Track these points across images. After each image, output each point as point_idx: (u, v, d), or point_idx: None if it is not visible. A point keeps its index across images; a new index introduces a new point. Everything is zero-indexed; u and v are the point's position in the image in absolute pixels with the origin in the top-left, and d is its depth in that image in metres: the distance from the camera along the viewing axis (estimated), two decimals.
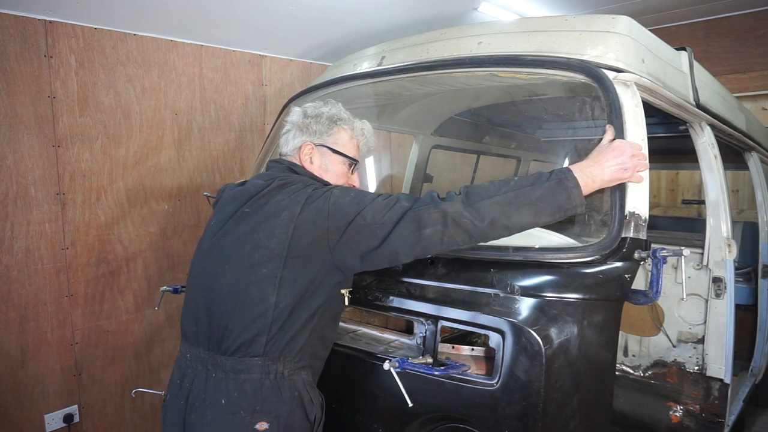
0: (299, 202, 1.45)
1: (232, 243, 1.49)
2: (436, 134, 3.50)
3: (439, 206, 1.38)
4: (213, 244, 1.55)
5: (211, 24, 3.08)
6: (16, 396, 2.62)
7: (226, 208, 1.58)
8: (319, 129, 1.65)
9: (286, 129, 1.70)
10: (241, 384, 1.42)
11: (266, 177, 1.59)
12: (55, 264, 2.71)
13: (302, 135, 1.66)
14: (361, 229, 1.40)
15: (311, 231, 1.42)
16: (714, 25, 4.36)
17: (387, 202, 1.43)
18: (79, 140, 2.77)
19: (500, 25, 2.10)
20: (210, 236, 1.58)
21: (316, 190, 1.49)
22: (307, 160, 1.65)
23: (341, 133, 1.67)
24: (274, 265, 1.42)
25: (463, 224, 1.37)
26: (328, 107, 1.70)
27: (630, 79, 1.59)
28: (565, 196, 1.38)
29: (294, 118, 1.69)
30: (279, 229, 1.43)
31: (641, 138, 1.54)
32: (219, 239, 1.53)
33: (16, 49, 2.53)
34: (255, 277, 1.42)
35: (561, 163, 4.17)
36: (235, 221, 1.52)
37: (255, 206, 1.50)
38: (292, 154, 1.67)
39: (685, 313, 2.59)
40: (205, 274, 1.52)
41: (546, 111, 3.31)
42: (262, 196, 1.51)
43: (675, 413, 2.36)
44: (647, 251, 1.49)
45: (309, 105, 1.71)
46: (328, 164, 1.66)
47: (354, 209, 1.41)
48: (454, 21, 3.66)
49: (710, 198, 2.28)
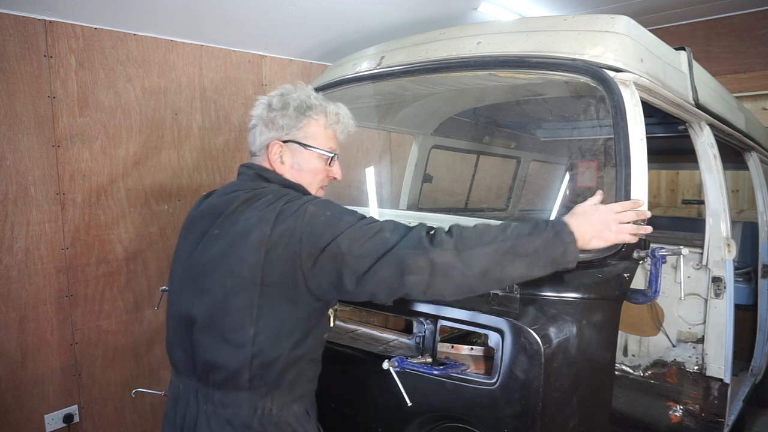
0: (269, 221, 1.27)
1: (203, 270, 1.34)
2: (436, 134, 3.50)
3: (428, 253, 1.21)
4: (185, 270, 1.41)
5: (211, 24, 3.08)
6: (16, 396, 2.62)
7: (194, 228, 1.43)
8: (286, 123, 1.44)
9: (252, 124, 1.49)
10: (230, 419, 1.32)
11: (234, 187, 1.43)
12: (55, 264, 2.72)
13: (268, 131, 1.45)
14: (335, 258, 1.23)
15: (283, 255, 1.25)
16: (714, 25, 4.36)
17: (368, 229, 1.25)
18: (79, 140, 2.77)
19: (499, 25, 2.10)
20: (182, 261, 1.43)
21: (289, 203, 1.31)
22: (277, 161, 1.45)
23: (312, 125, 1.46)
24: (248, 293, 1.27)
25: (452, 275, 1.22)
26: (296, 93, 1.48)
27: (629, 79, 1.59)
28: (561, 250, 1.28)
29: (259, 111, 1.47)
30: (249, 253, 1.27)
31: (640, 138, 1.55)
32: (191, 265, 1.39)
33: (16, 49, 2.53)
34: (231, 307, 1.28)
35: (561, 163, 4.18)
36: (205, 244, 1.36)
37: (224, 226, 1.34)
38: (260, 155, 1.48)
39: (684, 313, 2.59)
40: (183, 304, 1.41)
41: (546, 111, 3.31)
42: (230, 214, 1.34)
43: (675, 413, 2.36)
44: (646, 250, 1.49)
45: (275, 93, 1.49)
46: (301, 162, 1.46)
47: (329, 233, 1.24)
48: (453, 21, 3.66)
49: (710, 198, 2.28)
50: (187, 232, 1.46)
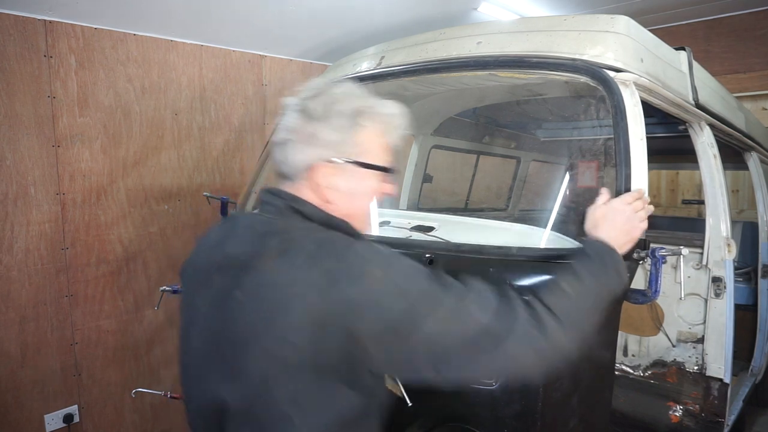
0: (316, 288, 0.94)
1: (232, 347, 1.02)
2: (436, 134, 3.50)
3: (541, 344, 1.01)
4: (207, 343, 1.07)
5: (211, 24, 3.08)
6: (16, 396, 2.62)
7: (209, 283, 1.07)
8: (336, 137, 1.06)
9: (282, 139, 1.10)
10: None
11: (259, 226, 1.07)
12: (55, 264, 2.72)
13: (310, 148, 1.06)
14: (416, 346, 0.97)
15: (339, 335, 0.94)
16: (714, 25, 4.36)
17: (456, 311, 0.98)
18: (79, 140, 2.77)
19: (499, 25, 2.10)
20: (200, 329, 1.09)
21: (341, 260, 0.97)
22: (326, 188, 1.08)
23: (365, 134, 1.09)
24: (294, 381, 0.97)
25: (560, 353, 1.05)
26: (338, 92, 1.10)
27: (629, 79, 1.59)
28: (618, 281, 1.20)
29: (291, 122, 1.08)
30: (292, 332, 0.94)
31: (640, 138, 1.55)
32: (213, 338, 1.06)
33: (16, 49, 2.53)
34: (273, 396, 0.99)
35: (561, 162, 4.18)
36: (229, 311, 1.03)
37: (251, 290, 0.99)
38: (298, 180, 1.09)
39: (684, 313, 2.59)
40: (209, 387, 1.07)
41: (546, 111, 3.31)
42: (258, 271, 0.99)
43: (675, 413, 2.36)
44: (646, 251, 1.49)
45: (308, 95, 1.09)
46: (356, 187, 1.10)
47: (402, 309, 0.95)
48: (453, 21, 3.66)
49: (710, 198, 2.28)
50: (198, 285, 1.11)
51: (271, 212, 1.10)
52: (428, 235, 1.82)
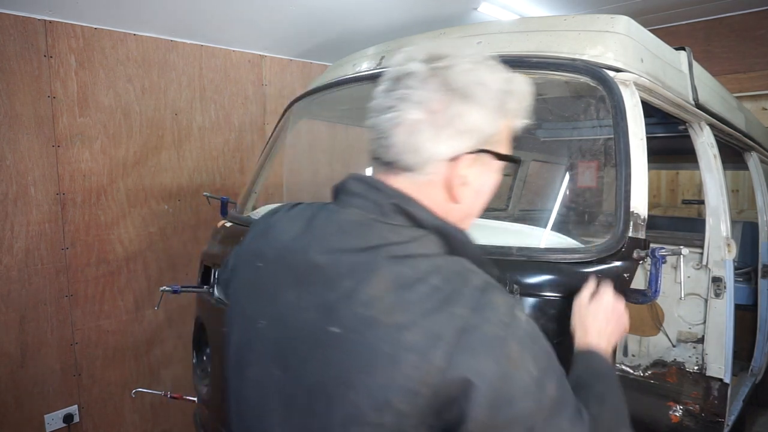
0: (441, 346, 0.69)
1: (307, 392, 0.76)
2: None
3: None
4: (268, 377, 0.81)
5: (211, 24, 3.08)
6: (16, 396, 2.62)
7: (278, 297, 0.82)
8: (487, 122, 0.81)
9: (412, 118, 0.78)
10: None
11: (355, 233, 0.80)
12: (54, 264, 2.72)
13: (455, 134, 0.79)
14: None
15: (450, 411, 0.71)
16: (714, 25, 4.36)
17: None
18: (79, 140, 2.77)
19: (499, 25, 2.10)
20: (256, 354, 0.84)
21: (477, 310, 0.72)
22: (461, 189, 0.83)
23: (508, 118, 0.87)
24: None
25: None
26: (480, 60, 0.84)
27: (629, 79, 1.59)
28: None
29: (425, 95, 0.78)
30: (397, 395, 0.69)
31: (640, 137, 1.55)
32: (279, 371, 0.79)
33: (16, 49, 2.53)
34: None
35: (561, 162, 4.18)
36: (312, 343, 0.76)
37: (348, 318, 0.74)
38: (421, 174, 0.81)
39: (684, 313, 2.59)
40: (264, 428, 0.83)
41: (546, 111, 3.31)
42: (360, 303, 0.73)
43: (675, 413, 2.36)
44: (646, 250, 1.49)
45: (441, 60, 0.80)
46: (486, 183, 0.88)
47: (524, 410, 0.72)
48: (453, 21, 3.66)
49: (710, 198, 2.28)
50: (260, 295, 0.86)
51: (364, 209, 0.82)
52: None
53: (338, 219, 0.83)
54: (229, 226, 2.45)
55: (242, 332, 0.88)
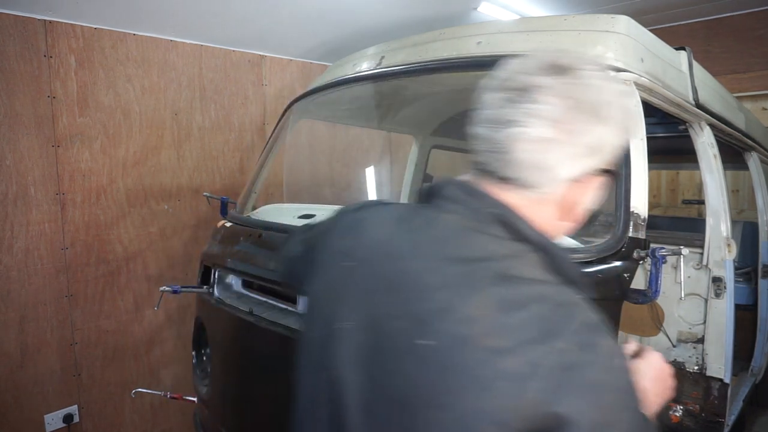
0: (542, 372, 0.65)
1: (391, 408, 0.72)
2: (436, 134, 3.50)
3: None
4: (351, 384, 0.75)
5: (211, 24, 3.08)
6: (16, 396, 2.62)
7: (362, 304, 0.77)
8: (611, 141, 0.78)
9: (541, 135, 0.74)
10: None
11: (452, 242, 0.76)
12: (54, 264, 2.71)
13: (582, 153, 0.76)
14: None
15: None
16: (714, 25, 4.36)
17: None
18: (79, 140, 2.77)
19: (499, 25, 2.10)
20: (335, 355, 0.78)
21: (585, 348, 0.68)
22: (577, 207, 0.82)
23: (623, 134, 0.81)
24: None
25: None
26: (599, 75, 0.78)
27: (629, 79, 1.59)
28: None
29: (553, 112, 0.74)
30: (486, 422, 0.65)
31: (640, 137, 1.55)
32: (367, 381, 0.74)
33: (16, 49, 2.53)
34: None
35: None
36: (400, 354, 0.71)
37: (441, 334, 0.69)
38: (538, 191, 0.78)
39: (684, 313, 2.59)
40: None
41: None
42: (457, 321, 0.69)
43: (675, 413, 2.35)
44: (646, 250, 1.49)
45: (563, 76, 0.76)
46: (591, 200, 0.84)
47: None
48: (453, 21, 3.66)
49: (710, 198, 2.28)
50: (342, 297, 0.81)
51: (463, 216, 0.78)
52: None
53: (436, 225, 0.79)
54: (229, 226, 2.44)
55: (319, 331, 0.84)
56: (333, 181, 4.02)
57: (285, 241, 1.15)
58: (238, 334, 2.14)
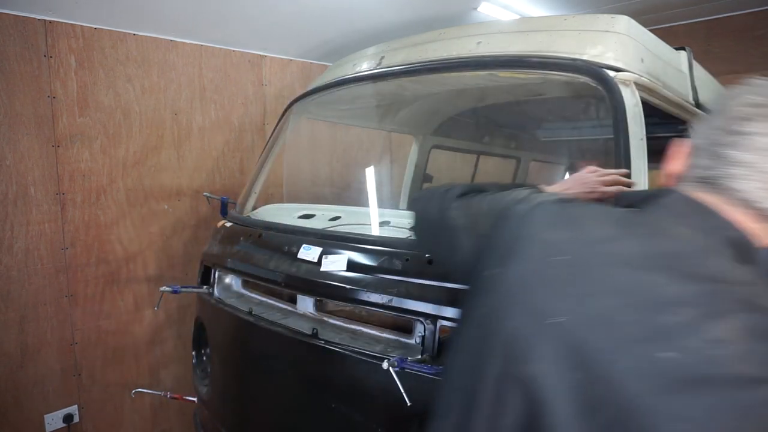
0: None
1: (617, 414, 0.66)
2: (436, 134, 3.50)
3: None
4: (562, 381, 0.70)
5: (211, 24, 3.08)
6: (16, 396, 2.62)
7: (594, 299, 0.73)
8: None
9: None
10: None
11: (687, 257, 0.73)
12: (54, 264, 2.72)
13: None
14: None
15: None
16: (714, 25, 4.35)
17: None
18: (79, 140, 2.77)
19: (499, 25, 2.10)
20: (539, 350, 0.73)
21: None
22: None
23: None
24: None
25: None
26: None
27: (629, 79, 1.59)
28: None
29: None
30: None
31: (640, 137, 1.55)
32: (586, 380, 0.68)
33: (16, 49, 2.53)
34: None
35: (561, 162, 4.18)
36: (633, 366, 0.66)
37: (688, 351, 0.65)
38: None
39: None
40: None
41: (546, 111, 3.31)
42: (703, 338, 0.65)
43: None
44: None
45: None
46: None
47: None
48: (453, 21, 3.66)
49: None
50: (561, 288, 0.76)
51: (692, 229, 0.76)
52: None
53: (668, 237, 0.76)
54: (229, 226, 2.45)
55: (521, 323, 0.77)
56: (333, 181, 4.02)
57: (436, 200, 1.13)
58: (238, 334, 2.14)
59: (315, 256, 1.86)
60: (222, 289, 2.40)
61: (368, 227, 2.06)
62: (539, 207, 0.89)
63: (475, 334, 0.84)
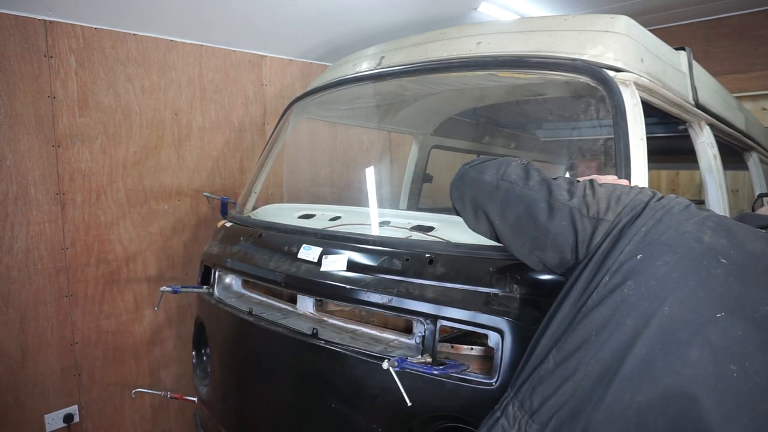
0: None
1: None
2: (436, 134, 3.50)
3: None
4: (720, 368, 0.78)
5: (211, 24, 3.08)
6: (16, 396, 2.62)
7: (750, 303, 0.80)
8: None
9: None
10: None
11: None
12: (55, 264, 2.72)
13: None
14: None
15: None
16: (714, 25, 4.35)
17: None
18: (79, 140, 2.77)
19: (499, 25, 2.10)
20: (694, 340, 0.80)
21: None
22: None
23: None
24: None
25: None
26: None
27: (629, 79, 1.59)
28: None
29: None
30: None
31: (640, 137, 1.55)
32: (743, 374, 0.76)
33: (16, 49, 2.53)
34: None
35: (561, 162, 4.18)
36: None
37: None
38: None
39: None
40: None
41: (546, 111, 3.31)
42: None
43: None
44: None
45: None
46: None
47: None
48: (453, 21, 3.66)
49: (710, 198, 2.28)
50: (714, 287, 0.84)
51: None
52: (428, 235, 1.82)
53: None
54: (229, 226, 2.45)
55: (674, 312, 0.83)
56: (333, 181, 4.02)
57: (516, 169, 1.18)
58: (238, 334, 2.14)
59: (315, 256, 1.86)
60: (222, 289, 2.41)
61: (368, 227, 2.06)
62: (687, 208, 0.95)
63: (604, 313, 0.89)
